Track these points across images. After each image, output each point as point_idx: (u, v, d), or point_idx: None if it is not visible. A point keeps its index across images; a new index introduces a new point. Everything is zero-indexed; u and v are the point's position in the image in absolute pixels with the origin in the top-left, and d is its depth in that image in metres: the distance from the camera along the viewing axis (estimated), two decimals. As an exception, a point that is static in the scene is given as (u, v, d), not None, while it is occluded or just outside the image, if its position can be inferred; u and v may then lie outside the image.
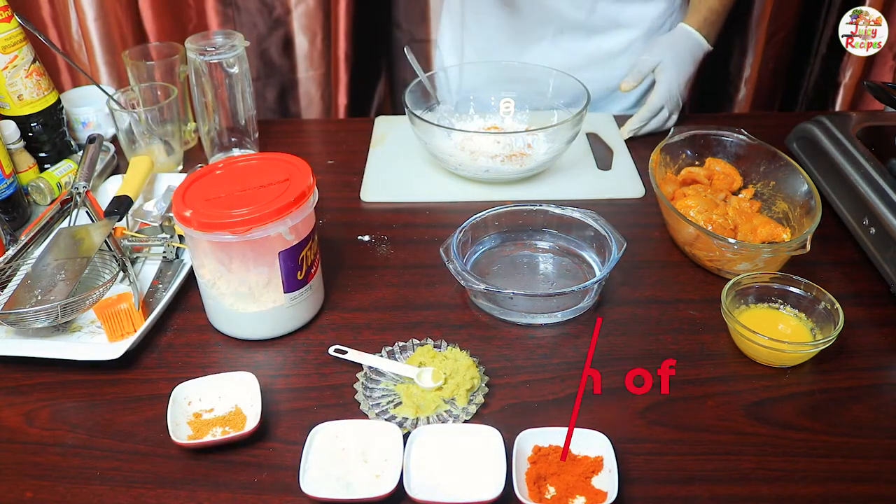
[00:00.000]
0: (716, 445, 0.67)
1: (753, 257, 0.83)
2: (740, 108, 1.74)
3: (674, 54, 1.12)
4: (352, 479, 0.62)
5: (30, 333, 0.79)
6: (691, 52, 1.13)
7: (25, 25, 1.00)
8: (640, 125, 1.14)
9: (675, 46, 1.13)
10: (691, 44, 1.13)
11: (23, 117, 1.02)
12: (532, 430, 0.65)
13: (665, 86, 1.12)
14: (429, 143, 1.06)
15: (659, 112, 1.14)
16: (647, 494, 0.62)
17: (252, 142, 1.13)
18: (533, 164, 1.05)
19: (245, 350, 0.78)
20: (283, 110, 1.75)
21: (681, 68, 1.12)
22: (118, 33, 1.60)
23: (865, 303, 0.83)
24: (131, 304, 0.78)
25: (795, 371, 0.74)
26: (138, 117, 1.06)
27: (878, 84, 0.99)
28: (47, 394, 0.73)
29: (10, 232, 0.93)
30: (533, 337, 0.80)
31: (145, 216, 0.92)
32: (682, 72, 1.13)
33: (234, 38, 1.05)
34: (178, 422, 0.68)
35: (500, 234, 0.92)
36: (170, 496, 0.63)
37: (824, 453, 0.66)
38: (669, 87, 1.12)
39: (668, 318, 0.81)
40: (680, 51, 1.13)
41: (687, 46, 1.13)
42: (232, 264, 0.74)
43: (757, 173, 0.98)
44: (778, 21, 1.62)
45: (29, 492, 0.64)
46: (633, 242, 0.84)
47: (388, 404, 0.71)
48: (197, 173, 0.78)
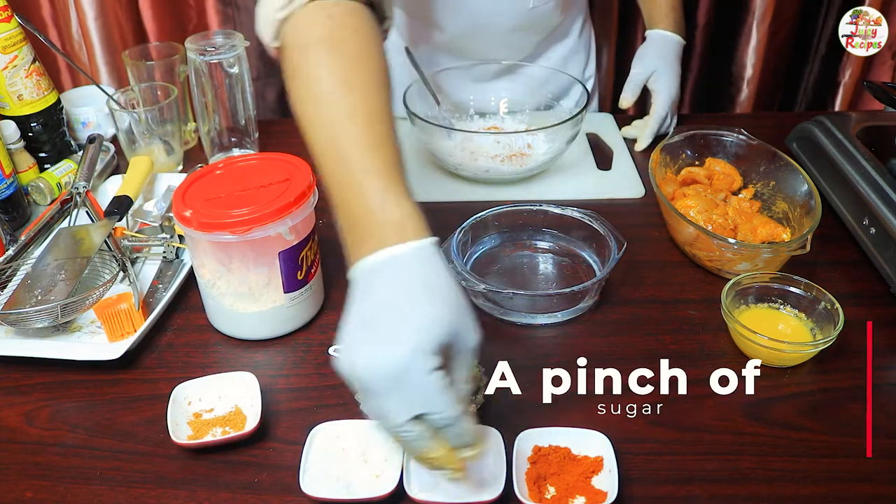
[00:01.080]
0: (715, 445, 0.67)
1: (753, 257, 0.83)
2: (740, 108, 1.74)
3: (663, 62, 1.15)
4: (352, 479, 0.62)
5: (30, 333, 0.79)
6: (675, 53, 1.16)
7: (25, 25, 1.00)
8: (653, 138, 1.15)
9: (661, 54, 1.15)
10: (673, 46, 1.16)
11: (23, 117, 1.02)
12: (532, 430, 0.65)
13: (665, 93, 1.14)
14: (429, 143, 1.06)
15: (664, 119, 1.15)
16: (647, 494, 0.62)
17: (252, 142, 1.13)
18: (533, 164, 1.05)
19: (245, 350, 0.78)
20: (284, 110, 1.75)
21: (672, 73, 1.15)
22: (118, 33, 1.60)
23: (865, 303, 0.83)
24: (131, 304, 0.78)
25: (795, 371, 0.74)
26: (138, 117, 1.06)
27: (877, 84, 0.99)
28: (47, 394, 0.73)
29: (10, 232, 0.93)
30: (533, 337, 0.80)
31: (145, 216, 0.92)
32: (674, 76, 1.15)
33: (235, 38, 1.05)
34: (178, 422, 0.68)
35: (500, 234, 0.92)
36: (170, 496, 0.63)
37: (824, 453, 0.66)
38: (670, 94, 1.14)
39: (668, 318, 0.81)
40: (667, 57, 1.15)
41: (671, 50, 1.16)
42: (232, 264, 0.74)
43: (757, 173, 0.98)
44: (778, 21, 1.62)
45: (29, 492, 0.64)
46: (633, 242, 0.84)
47: (388, 404, 0.71)
48: (197, 173, 0.78)
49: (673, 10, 1.16)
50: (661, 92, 1.14)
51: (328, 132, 0.61)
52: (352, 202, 0.58)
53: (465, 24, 1.13)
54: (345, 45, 0.65)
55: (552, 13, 1.15)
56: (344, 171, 0.59)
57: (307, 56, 0.65)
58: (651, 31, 1.18)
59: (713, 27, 1.66)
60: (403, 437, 0.54)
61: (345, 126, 0.60)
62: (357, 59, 0.65)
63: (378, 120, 0.61)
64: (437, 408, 0.53)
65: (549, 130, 1.05)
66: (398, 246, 0.55)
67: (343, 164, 0.59)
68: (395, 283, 0.55)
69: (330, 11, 0.68)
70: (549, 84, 1.17)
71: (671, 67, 1.14)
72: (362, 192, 0.58)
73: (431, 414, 0.53)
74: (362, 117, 0.60)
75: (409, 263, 0.55)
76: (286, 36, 0.69)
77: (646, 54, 1.16)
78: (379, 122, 0.61)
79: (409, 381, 0.52)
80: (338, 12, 0.68)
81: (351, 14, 0.69)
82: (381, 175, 0.58)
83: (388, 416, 0.53)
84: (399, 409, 0.53)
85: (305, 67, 0.64)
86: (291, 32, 0.68)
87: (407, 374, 0.52)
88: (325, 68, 0.63)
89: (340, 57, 0.64)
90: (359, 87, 0.62)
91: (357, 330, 0.54)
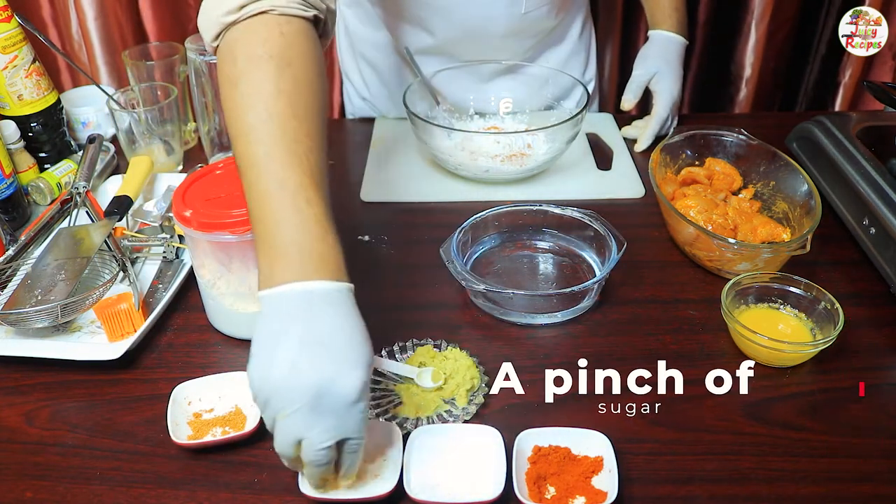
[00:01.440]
0: (715, 445, 0.67)
1: (753, 257, 0.83)
2: (740, 108, 1.74)
3: (665, 63, 1.14)
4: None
5: (30, 333, 0.79)
6: (678, 54, 1.16)
7: (25, 25, 1.00)
8: (653, 138, 1.15)
9: (663, 55, 1.15)
10: (675, 47, 1.16)
11: (23, 117, 1.02)
12: (532, 430, 0.65)
13: (667, 95, 1.14)
14: (429, 143, 1.06)
15: (665, 120, 1.15)
16: (647, 494, 0.62)
17: (252, 142, 1.13)
18: (533, 164, 1.05)
19: (245, 350, 0.77)
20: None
21: (675, 74, 1.14)
22: (118, 33, 1.60)
23: (865, 303, 0.83)
24: (131, 304, 0.78)
25: (795, 371, 0.74)
26: (138, 117, 1.06)
27: (878, 84, 0.99)
28: (47, 394, 0.73)
29: (10, 232, 0.93)
30: (533, 337, 0.80)
31: (145, 216, 0.92)
32: (676, 77, 1.15)
33: (234, 38, 1.05)
34: (178, 422, 0.68)
35: (500, 234, 0.92)
36: (170, 496, 0.63)
37: (824, 453, 0.66)
38: (672, 95, 1.14)
39: (668, 318, 0.81)
40: (669, 58, 1.15)
41: (672, 51, 1.15)
42: (232, 264, 0.73)
43: (757, 173, 0.98)
44: (778, 21, 1.62)
45: (29, 492, 0.64)
46: (633, 242, 0.84)
47: (388, 404, 0.71)
48: (197, 173, 0.78)
49: (676, 10, 1.16)
50: (662, 93, 1.14)
51: (264, 148, 0.61)
52: (278, 223, 0.59)
53: (457, 30, 1.11)
54: (293, 67, 0.66)
55: (546, 17, 1.14)
56: (272, 189, 0.60)
57: (257, 69, 0.65)
58: (653, 32, 1.17)
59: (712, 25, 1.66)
60: (315, 459, 0.56)
61: (283, 148, 0.61)
62: (303, 83, 0.65)
63: (316, 149, 0.63)
64: (358, 434, 0.57)
65: (549, 130, 1.05)
66: (319, 282, 0.57)
67: (273, 184, 0.60)
68: (332, 312, 0.57)
69: (283, 29, 0.68)
70: (550, 84, 1.17)
71: (673, 69, 1.14)
72: (290, 217, 0.59)
73: (352, 440, 0.56)
74: (302, 145, 0.62)
75: (327, 302, 0.57)
76: (235, 42, 0.68)
77: (648, 55, 1.16)
78: (316, 152, 0.63)
79: (355, 406, 0.55)
80: (290, 31, 0.68)
81: (301, 34, 0.69)
82: (314, 205, 0.59)
83: (314, 436, 0.55)
84: (329, 431, 0.55)
85: (253, 80, 0.64)
86: (242, 40, 0.68)
87: (360, 399, 0.55)
88: (273, 86, 0.63)
89: (289, 80, 0.64)
90: (302, 115, 0.63)
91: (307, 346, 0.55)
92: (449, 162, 1.06)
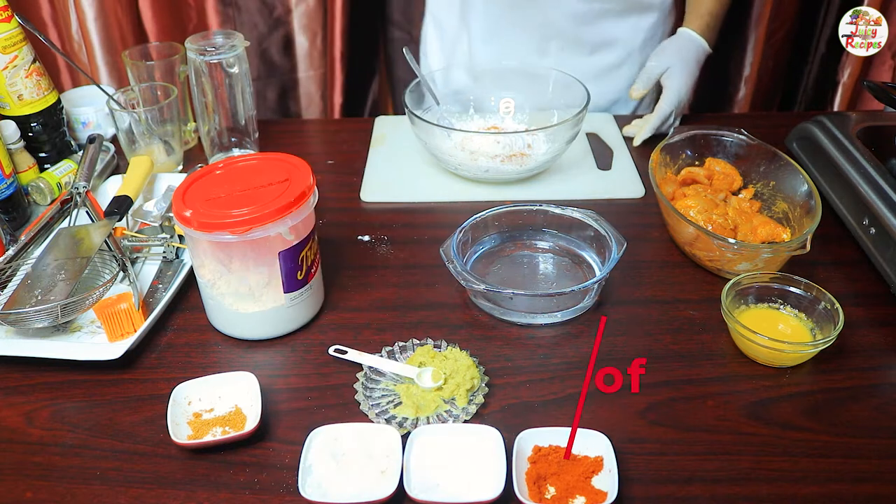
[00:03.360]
0: (715, 445, 0.67)
1: (753, 257, 0.83)
2: (740, 108, 1.74)
3: (681, 60, 1.14)
4: (351, 481, 0.62)
5: (30, 333, 0.79)
6: (696, 56, 1.15)
7: (25, 25, 1.00)
8: (652, 133, 1.15)
9: (681, 52, 1.14)
10: (695, 48, 1.15)
11: (23, 117, 1.02)
12: (532, 430, 0.65)
13: (674, 92, 1.13)
14: (429, 143, 1.06)
15: (668, 117, 1.15)
16: (647, 494, 0.62)
17: (252, 142, 1.13)
18: (533, 164, 1.05)
19: (245, 350, 0.78)
20: (284, 110, 1.75)
21: (688, 74, 1.14)
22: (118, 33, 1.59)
23: (865, 303, 0.83)
24: (131, 304, 0.78)
25: (795, 371, 0.74)
26: (138, 117, 1.06)
27: (877, 84, 0.99)
28: (47, 394, 0.73)
29: (10, 232, 0.93)
30: (533, 337, 0.80)
31: (145, 216, 0.92)
32: (689, 77, 1.14)
33: (234, 38, 1.05)
34: (178, 422, 0.68)
35: (500, 234, 0.92)
36: (170, 496, 0.63)
37: (824, 453, 0.66)
38: (679, 93, 1.13)
39: (668, 318, 0.81)
40: (686, 56, 1.14)
41: (692, 51, 1.15)
42: (232, 264, 0.74)
43: (757, 173, 0.98)
44: (777, 20, 1.62)
45: (29, 492, 0.64)
46: (633, 242, 0.84)
47: (388, 404, 0.71)
48: (197, 173, 0.78)
49: (710, 14, 1.15)
50: (670, 89, 1.13)
51: None
52: None
53: None
54: None
55: None
56: None
57: None
58: (681, 28, 1.17)
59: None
60: None
61: None
62: None
63: None
64: None
65: (549, 130, 1.05)
66: None
67: None
68: None
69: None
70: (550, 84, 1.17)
71: (688, 68, 1.13)
72: None
73: None
74: None
75: None
76: None
77: (666, 49, 1.15)
78: None
79: None
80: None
81: None
82: None
83: None
84: None
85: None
86: None
87: None
88: None
89: None
90: None
91: None
92: (449, 162, 1.06)
